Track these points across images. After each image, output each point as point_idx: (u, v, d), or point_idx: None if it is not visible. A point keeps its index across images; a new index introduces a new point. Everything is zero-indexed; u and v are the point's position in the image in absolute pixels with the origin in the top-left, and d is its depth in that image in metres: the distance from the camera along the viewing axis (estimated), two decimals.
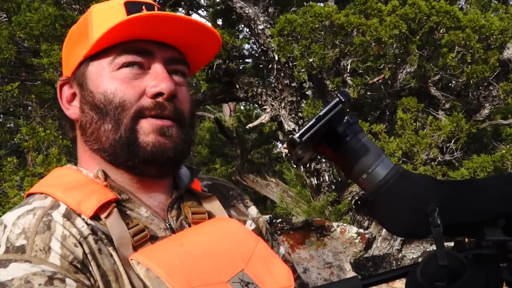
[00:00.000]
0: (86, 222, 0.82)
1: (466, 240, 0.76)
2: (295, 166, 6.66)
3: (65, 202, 0.84)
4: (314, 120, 0.72)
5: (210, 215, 0.95)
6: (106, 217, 0.83)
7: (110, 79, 0.87)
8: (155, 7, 0.91)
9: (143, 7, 0.89)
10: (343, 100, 0.73)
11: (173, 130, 0.88)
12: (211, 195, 0.99)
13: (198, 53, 0.96)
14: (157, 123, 0.87)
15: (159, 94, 0.87)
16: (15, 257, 0.75)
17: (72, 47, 0.93)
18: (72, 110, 0.93)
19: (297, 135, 0.71)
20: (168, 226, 0.90)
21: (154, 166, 0.88)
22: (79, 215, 0.82)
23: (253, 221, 1.06)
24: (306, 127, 0.72)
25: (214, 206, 0.97)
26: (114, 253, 0.81)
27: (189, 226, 0.92)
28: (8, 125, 11.50)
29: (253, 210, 1.09)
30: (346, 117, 0.79)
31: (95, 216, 0.83)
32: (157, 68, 0.88)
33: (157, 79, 0.87)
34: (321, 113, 0.72)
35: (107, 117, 0.87)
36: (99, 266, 0.79)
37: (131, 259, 0.79)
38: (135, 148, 0.86)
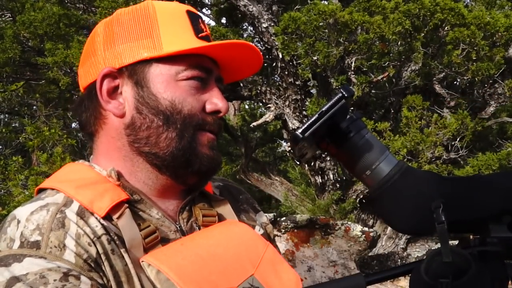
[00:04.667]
0: (99, 222, 0.82)
1: (471, 237, 0.75)
2: (298, 163, 6.65)
3: (77, 199, 0.83)
4: (316, 115, 0.71)
5: (221, 218, 0.96)
6: (118, 218, 0.83)
7: (177, 88, 0.88)
8: (205, 23, 0.95)
9: (200, 20, 0.93)
10: (345, 95, 0.72)
11: (215, 144, 0.93)
12: (222, 198, 0.99)
13: (233, 73, 1.00)
14: (211, 137, 0.91)
15: (217, 112, 0.91)
16: (30, 252, 0.75)
17: (125, 39, 0.89)
18: (115, 105, 0.89)
19: (300, 130, 0.71)
20: (178, 228, 0.90)
21: (201, 176, 0.91)
22: (92, 214, 0.82)
23: (261, 227, 1.07)
24: (309, 122, 0.71)
25: (225, 209, 0.98)
26: (125, 255, 0.81)
27: (199, 228, 0.93)
28: (13, 125, 11.54)
29: (261, 216, 1.10)
30: (349, 113, 0.79)
31: (107, 216, 0.83)
32: (215, 87, 0.93)
33: (217, 97, 0.91)
34: (323, 109, 0.71)
35: (173, 125, 0.87)
36: (112, 266, 0.79)
37: (142, 261, 0.79)
38: (194, 158, 0.88)
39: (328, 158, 5.83)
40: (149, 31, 0.89)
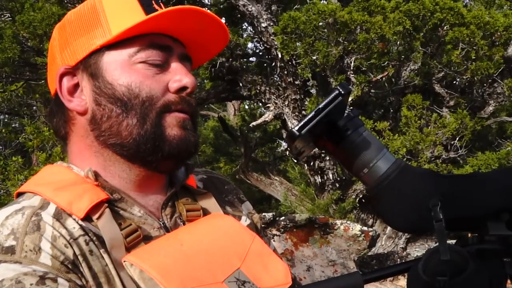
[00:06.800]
0: (77, 223, 0.80)
1: (469, 235, 0.75)
2: (295, 161, 6.66)
3: (55, 202, 0.81)
4: (313, 113, 0.71)
5: (205, 212, 0.93)
6: (97, 218, 0.81)
7: (133, 72, 0.85)
8: (161, 4, 0.90)
9: (152, 1, 0.88)
10: (342, 92, 0.71)
11: (190, 123, 0.88)
12: (206, 192, 0.97)
13: (202, 49, 0.95)
14: (180, 116, 0.87)
15: (183, 89, 0.87)
16: (5, 258, 0.73)
17: (76, 35, 0.88)
18: (77, 102, 0.87)
19: (296, 128, 0.70)
20: (162, 225, 0.88)
21: (173, 160, 0.88)
22: (70, 216, 0.81)
23: (247, 217, 1.05)
24: (306, 120, 0.70)
25: (210, 202, 0.95)
26: (105, 255, 0.79)
27: (184, 224, 0.90)
28: (13, 125, 11.53)
29: (247, 205, 1.08)
30: (347, 111, 0.78)
31: (87, 217, 0.81)
32: (177, 64, 0.88)
33: (180, 74, 0.87)
34: (320, 106, 0.71)
35: (132, 111, 0.84)
36: (90, 267, 0.78)
37: (124, 261, 0.77)
38: (161, 142, 0.85)
39: (328, 158, 5.83)
40: (97, 20, 0.86)
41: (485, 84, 5.71)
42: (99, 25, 0.86)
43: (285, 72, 5.70)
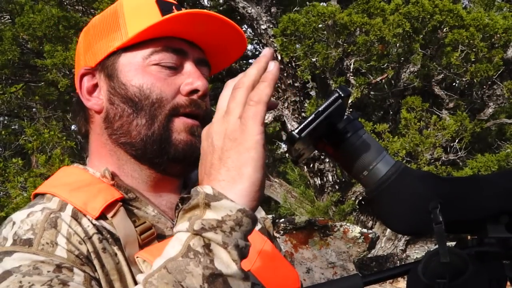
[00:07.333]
0: (91, 222, 0.82)
1: (469, 237, 0.75)
2: (294, 164, 6.66)
3: (71, 202, 0.84)
4: (313, 115, 0.70)
5: None
6: (112, 216, 0.83)
7: (146, 74, 0.87)
8: (182, 9, 0.92)
9: (173, 7, 0.90)
10: (342, 95, 0.71)
11: (199, 130, 0.89)
12: None
13: (221, 54, 0.97)
14: (189, 122, 0.88)
15: (194, 91, 0.88)
16: (22, 249, 0.76)
17: (98, 38, 0.91)
18: (94, 101, 0.91)
19: (296, 131, 0.70)
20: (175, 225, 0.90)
21: (180, 164, 0.89)
22: (85, 215, 0.83)
23: (259, 221, 1.05)
24: (305, 122, 0.70)
25: None
26: (119, 252, 0.81)
27: None
28: (12, 127, 11.53)
29: (259, 211, 1.08)
30: (346, 114, 0.78)
31: (102, 216, 0.83)
32: (191, 67, 0.90)
33: (192, 77, 0.89)
34: (320, 109, 0.71)
35: (142, 112, 0.86)
36: (103, 265, 0.79)
37: (137, 257, 0.79)
38: (167, 145, 0.86)
39: (327, 160, 5.84)
40: (115, 25, 0.89)
41: (484, 86, 5.72)
42: (118, 28, 0.89)
43: (285, 74, 5.70)
